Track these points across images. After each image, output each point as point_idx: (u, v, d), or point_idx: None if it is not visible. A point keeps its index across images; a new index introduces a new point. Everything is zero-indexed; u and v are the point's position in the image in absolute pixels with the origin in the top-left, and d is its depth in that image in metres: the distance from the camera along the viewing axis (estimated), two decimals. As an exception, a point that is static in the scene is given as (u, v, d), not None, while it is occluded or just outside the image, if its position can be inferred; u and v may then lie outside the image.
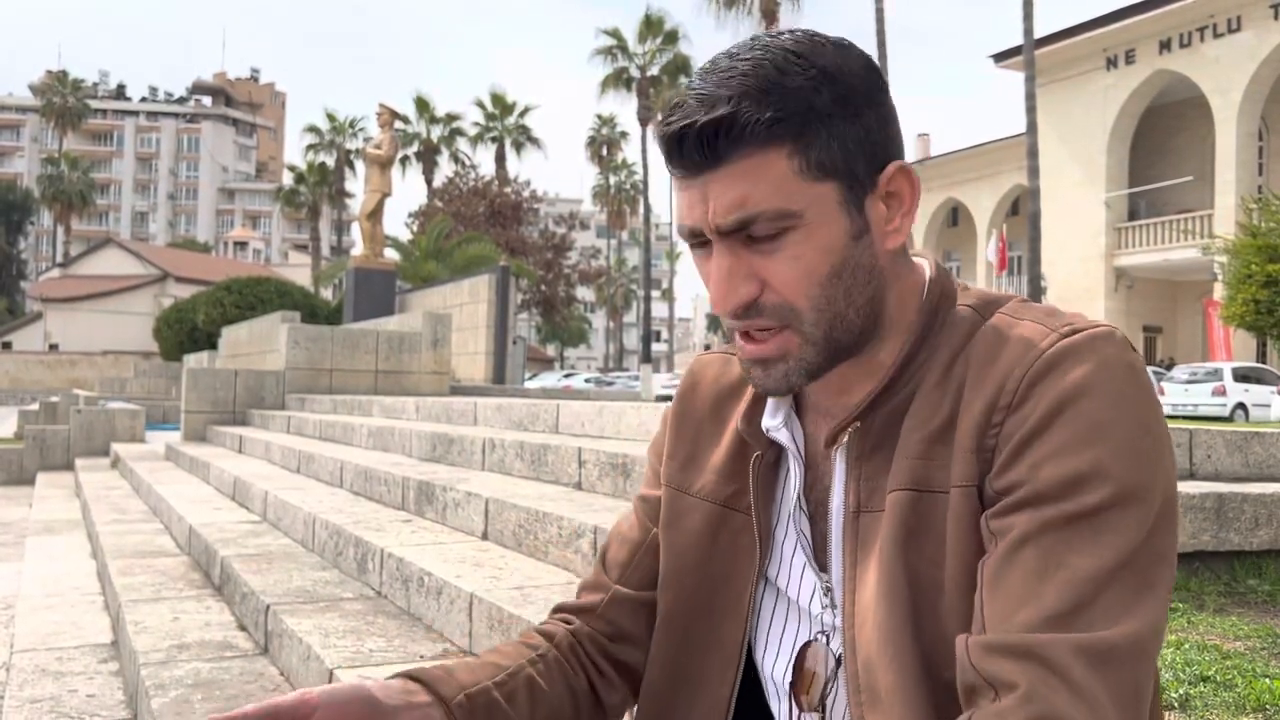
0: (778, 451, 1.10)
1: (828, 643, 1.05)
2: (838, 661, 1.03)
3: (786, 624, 1.09)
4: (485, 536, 3.78)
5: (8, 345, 59.55)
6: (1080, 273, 35.84)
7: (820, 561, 1.06)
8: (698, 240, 1.01)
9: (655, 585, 1.18)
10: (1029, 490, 0.88)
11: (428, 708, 1.01)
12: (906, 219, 1.01)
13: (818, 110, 0.94)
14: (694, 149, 0.95)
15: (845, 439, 1.03)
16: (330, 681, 2.55)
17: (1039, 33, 29.11)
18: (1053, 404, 0.89)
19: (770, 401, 1.11)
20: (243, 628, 3.61)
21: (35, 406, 20.02)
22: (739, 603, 1.09)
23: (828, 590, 1.05)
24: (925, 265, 1.09)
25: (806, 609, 1.07)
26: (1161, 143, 36.49)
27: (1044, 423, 0.88)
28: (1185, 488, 2.93)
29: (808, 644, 1.07)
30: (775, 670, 1.09)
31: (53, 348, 55.70)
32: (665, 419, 1.25)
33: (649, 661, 1.16)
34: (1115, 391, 0.89)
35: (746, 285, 0.98)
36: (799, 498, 1.07)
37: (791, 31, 0.98)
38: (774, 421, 1.09)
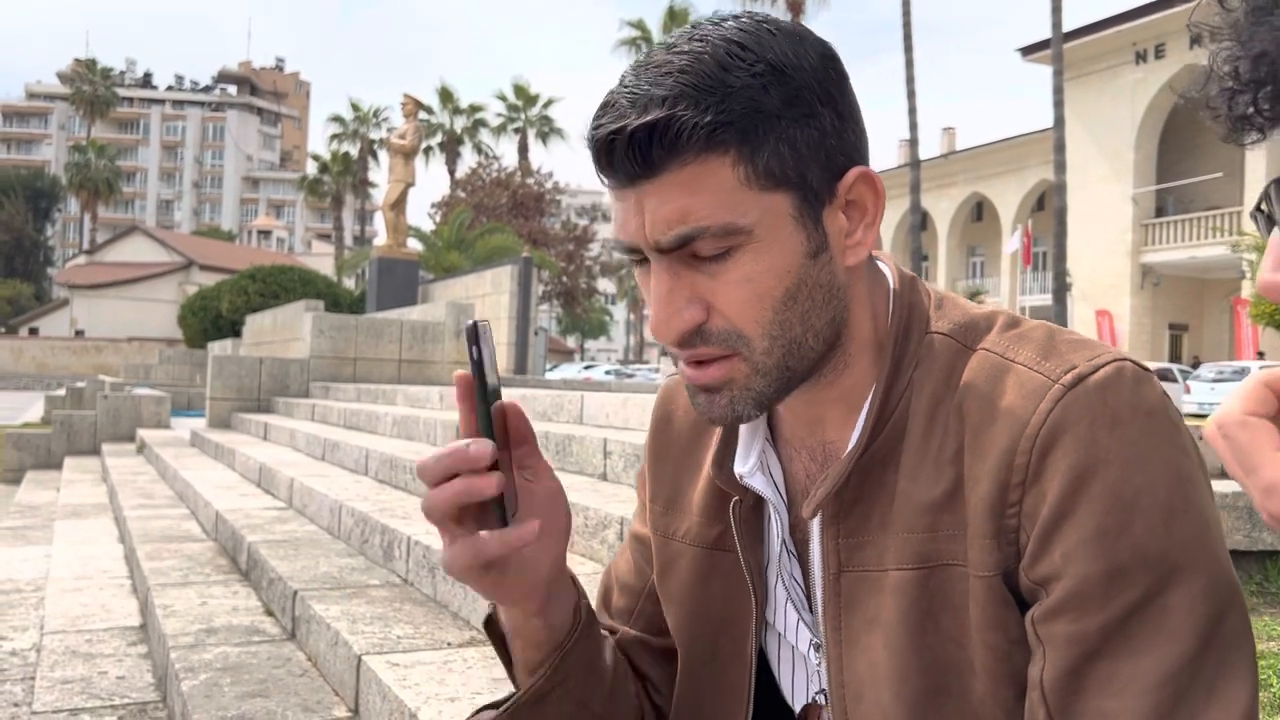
0: (756, 494, 1.01)
1: (827, 700, 0.99)
2: None
3: (795, 672, 1.03)
4: (510, 526, 3.79)
5: (35, 331, 60.16)
6: (1106, 269, 35.59)
7: (812, 610, 1.00)
8: (637, 257, 0.90)
9: (664, 631, 1.12)
10: (1069, 589, 0.80)
11: (571, 587, 1.01)
12: (870, 231, 0.90)
13: (765, 111, 0.83)
14: (625, 157, 0.84)
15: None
16: (358, 670, 2.57)
17: (1067, 26, 28.89)
18: (1071, 478, 0.80)
19: (741, 441, 1.01)
20: (270, 613, 3.64)
21: (62, 392, 20.19)
22: (742, 647, 1.03)
23: (819, 647, 0.99)
24: (887, 272, 0.98)
25: (806, 657, 1.01)
26: (1190, 138, 36.14)
27: (1067, 503, 0.80)
28: (1218, 486, 2.90)
29: (808, 707, 1.02)
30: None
31: (79, 334, 56.23)
32: (646, 451, 1.17)
33: (672, 708, 1.11)
34: (1136, 451, 0.80)
35: (690, 309, 0.87)
36: (784, 543, 0.99)
37: (738, 17, 0.88)
38: (746, 467, 0.99)
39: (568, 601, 1.00)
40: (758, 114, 0.83)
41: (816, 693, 1.01)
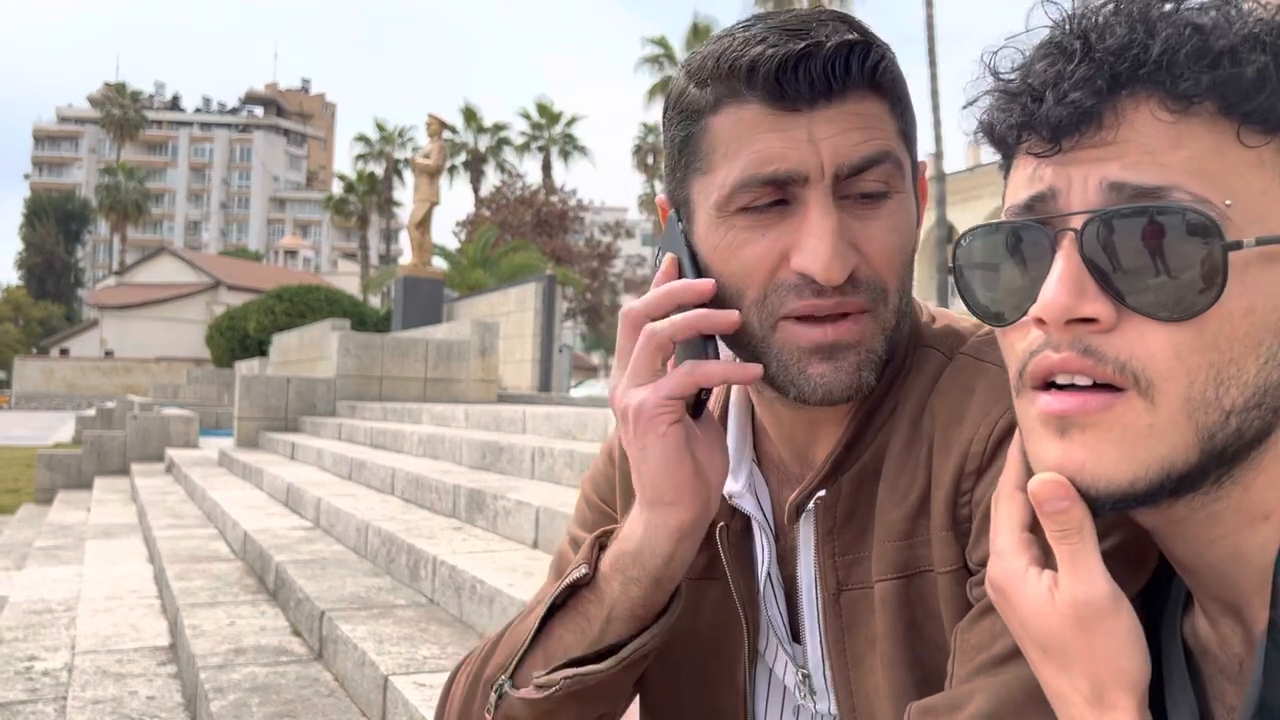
0: (745, 518, 0.97)
1: None
2: None
3: (784, 707, 1.01)
4: (536, 545, 3.79)
5: (65, 352, 60.89)
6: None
7: (796, 640, 0.97)
8: (765, 199, 0.83)
9: None
10: None
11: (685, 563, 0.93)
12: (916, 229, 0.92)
13: (902, 79, 0.87)
14: (822, 72, 0.80)
15: (810, 506, 0.91)
16: (385, 690, 2.58)
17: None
18: None
19: (730, 459, 0.96)
20: (297, 633, 3.66)
21: (92, 412, 20.41)
22: (732, 673, 1.00)
23: (805, 677, 0.96)
24: None
25: (793, 691, 0.99)
26: (1217, 149, 35.88)
27: None
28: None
29: None
30: None
31: (108, 354, 56.85)
32: (612, 459, 1.10)
33: None
34: None
35: (851, 252, 0.82)
36: (769, 573, 0.96)
37: None
38: (736, 487, 0.95)
39: (679, 571, 0.92)
40: (901, 76, 0.86)
41: None
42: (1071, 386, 0.67)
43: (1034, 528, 0.72)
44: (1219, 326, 0.63)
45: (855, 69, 0.81)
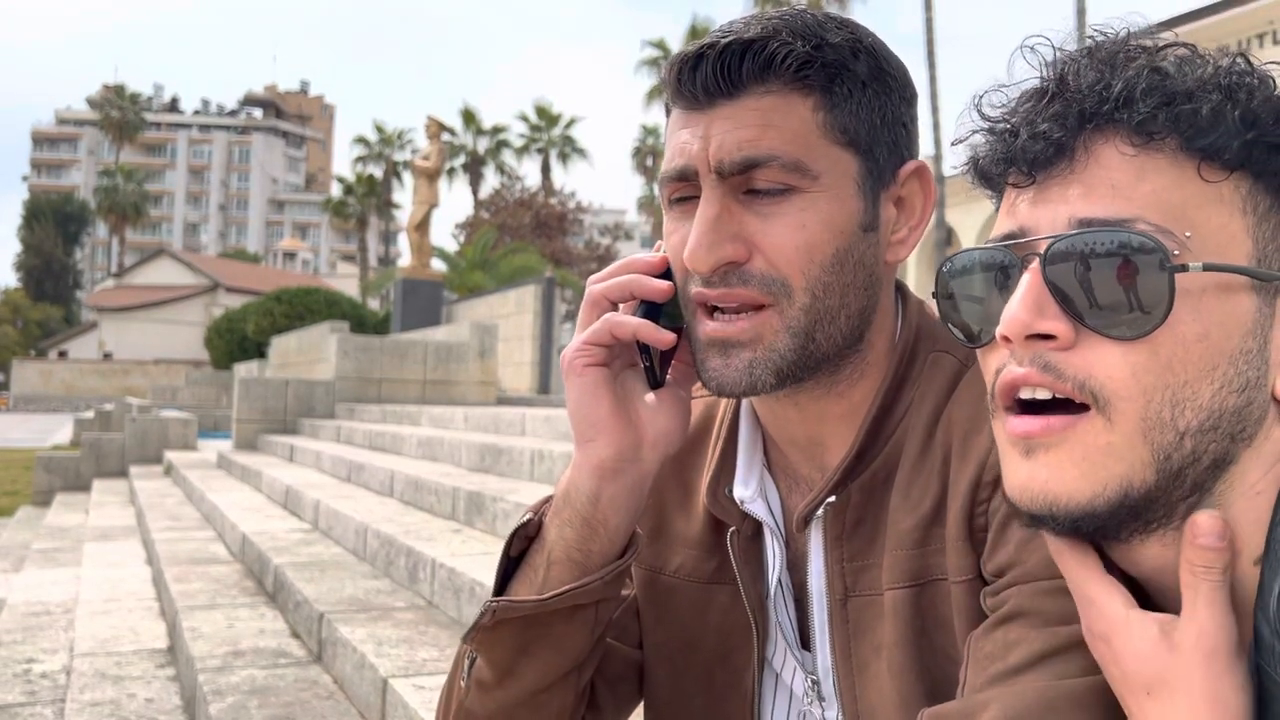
0: (756, 523, 0.97)
1: None
2: None
3: (791, 714, 1.00)
4: (535, 547, 3.79)
5: (64, 354, 60.88)
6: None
7: (805, 646, 0.97)
8: (681, 193, 0.88)
9: (634, 643, 1.08)
10: (1021, 571, 0.80)
11: (638, 507, 0.95)
12: (913, 234, 0.90)
13: (853, 72, 0.85)
14: (711, 74, 0.83)
15: (820, 512, 0.91)
16: (384, 693, 2.57)
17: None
18: None
19: (740, 464, 0.97)
20: (296, 635, 3.66)
21: (90, 414, 20.40)
22: (740, 680, 1.00)
23: (814, 683, 0.96)
24: (897, 293, 0.97)
25: (800, 698, 0.99)
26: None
27: None
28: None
29: None
30: None
31: (107, 356, 56.81)
32: None
33: None
34: None
35: (733, 245, 0.84)
36: (780, 579, 0.96)
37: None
38: (747, 492, 0.96)
39: (629, 519, 0.93)
40: (845, 70, 0.85)
41: None
42: (1035, 403, 0.70)
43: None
44: (1172, 350, 0.67)
45: (748, 66, 0.83)
